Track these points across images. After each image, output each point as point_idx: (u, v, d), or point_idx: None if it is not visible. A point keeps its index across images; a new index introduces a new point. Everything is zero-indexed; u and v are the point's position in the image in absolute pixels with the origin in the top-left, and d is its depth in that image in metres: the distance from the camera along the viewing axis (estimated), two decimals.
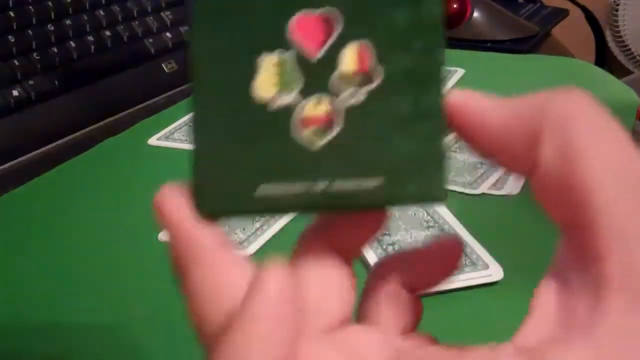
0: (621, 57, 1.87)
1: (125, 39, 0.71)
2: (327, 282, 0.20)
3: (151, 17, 0.75)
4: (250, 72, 0.19)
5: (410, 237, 0.44)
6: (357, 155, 0.19)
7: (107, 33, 0.70)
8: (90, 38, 0.69)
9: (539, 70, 0.74)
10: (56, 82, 0.65)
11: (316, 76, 0.19)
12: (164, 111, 0.68)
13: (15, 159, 0.60)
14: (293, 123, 0.19)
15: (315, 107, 0.19)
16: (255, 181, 0.19)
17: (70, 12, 0.68)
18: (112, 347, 0.38)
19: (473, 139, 0.20)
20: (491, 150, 0.19)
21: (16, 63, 0.63)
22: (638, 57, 1.85)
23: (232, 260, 0.20)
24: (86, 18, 0.69)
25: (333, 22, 0.19)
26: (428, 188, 0.19)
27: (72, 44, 0.67)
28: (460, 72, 0.72)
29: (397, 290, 0.22)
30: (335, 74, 0.19)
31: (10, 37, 0.63)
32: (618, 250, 0.16)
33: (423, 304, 0.22)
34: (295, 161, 0.19)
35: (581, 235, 0.17)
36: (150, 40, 0.73)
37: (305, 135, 0.19)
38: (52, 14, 0.67)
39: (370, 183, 0.19)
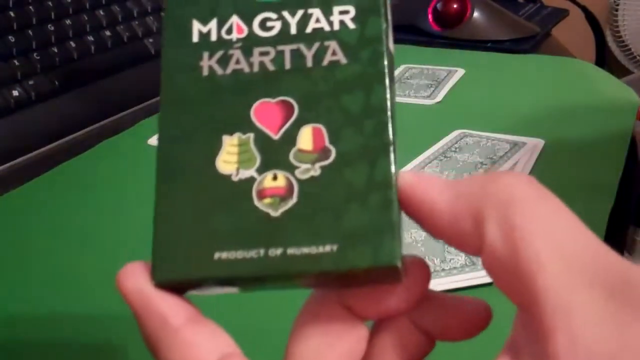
0: (621, 57, 1.87)
1: (125, 39, 0.71)
2: (330, 337, 0.21)
3: (151, 17, 0.75)
4: (213, 150, 0.21)
5: (410, 237, 0.44)
6: (312, 224, 0.20)
7: (107, 33, 0.70)
8: (90, 38, 0.69)
9: (539, 70, 0.74)
10: (56, 82, 0.65)
11: (274, 154, 0.21)
12: None
13: (15, 159, 0.60)
14: (252, 194, 0.21)
15: (273, 180, 0.21)
16: (211, 247, 0.20)
17: (70, 12, 0.68)
18: (113, 346, 0.38)
19: (422, 221, 0.21)
20: (440, 231, 0.20)
21: (16, 63, 0.63)
22: (638, 57, 1.85)
23: (199, 335, 0.20)
24: (86, 18, 0.69)
25: (289, 107, 0.22)
26: (380, 253, 0.20)
27: (72, 44, 0.67)
28: (460, 72, 0.72)
29: (408, 328, 0.22)
30: (293, 151, 0.21)
31: (10, 37, 0.63)
32: (562, 327, 0.17)
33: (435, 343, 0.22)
34: (251, 229, 0.20)
35: (529, 313, 0.18)
36: (150, 40, 0.73)
37: (262, 205, 0.21)
38: (52, 14, 0.67)
39: (324, 250, 0.20)
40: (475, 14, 0.82)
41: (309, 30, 0.23)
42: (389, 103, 0.21)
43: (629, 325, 0.17)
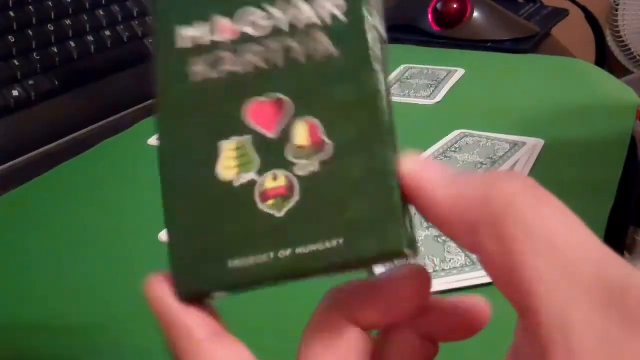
0: (621, 57, 1.87)
1: (125, 39, 0.71)
2: (335, 350, 0.21)
3: (151, 17, 0.75)
4: (212, 158, 0.21)
5: None
6: (316, 220, 0.20)
7: (107, 33, 0.70)
8: (90, 38, 0.69)
9: (539, 70, 0.74)
10: (56, 82, 0.65)
11: (272, 153, 0.21)
12: None
13: (15, 159, 0.60)
14: (255, 197, 0.21)
15: (274, 181, 0.21)
16: (224, 257, 0.21)
17: (70, 12, 0.68)
18: (111, 346, 0.38)
19: (422, 212, 0.20)
20: (440, 225, 0.20)
21: (16, 63, 0.63)
22: (638, 57, 1.85)
23: (222, 348, 0.21)
24: (86, 18, 0.69)
25: (282, 104, 0.21)
26: (385, 240, 0.20)
27: (72, 44, 0.67)
28: (460, 72, 0.72)
29: (413, 338, 0.22)
30: (289, 148, 0.21)
31: (10, 37, 0.63)
32: (560, 344, 0.17)
33: (439, 347, 0.22)
34: (259, 233, 0.21)
35: (528, 320, 0.18)
36: (150, 40, 0.73)
37: (266, 207, 0.21)
38: (52, 14, 0.67)
39: (331, 245, 0.20)
40: (475, 14, 0.82)
41: (301, 24, 0.22)
42: (381, 90, 0.21)
43: (625, 342, 0.16)
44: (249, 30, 0.22)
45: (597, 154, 0.55)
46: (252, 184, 0.21)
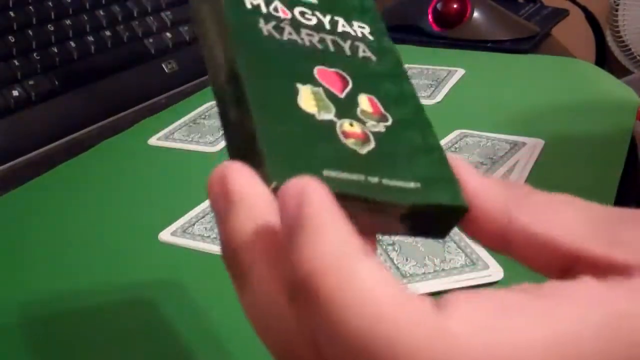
0: (621, 57, 1.87)
1: (125, 39, 0.71)
2: None
3: (151, 17, 0.75)
4: (293, 93, 0.23)
5: (411, 237, 0.44)
6: (394, 165, 0.23)
7: (107, 33, 0.70)
8: (90, 38, 0.69)
9: (539, 70, 0.74)
10: (56, 82, 0.65)
11: (344, 108, 0.23)
12: (164, 111, 0.68)
13: (15, 159, 0.60)
14: (337, 133, 0.23)
15: (350, 126, 0.23)
16: (319, 167, 0.22)
17: (70, 12, 0.68)
18: (110, 346, 0.38)
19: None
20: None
21: (16, 63, 0.63)
22: (638, 57, 1.85)
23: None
24: (86, 18, 0.69)
25: (343, 77, 0.24)
26: (456, 198, 0.22)
27: (72, 44, 0.67)
28: (460, 72, 0.72)
29: None
30: (358, 110, 0.24)
31: (10, 37, 0.63)
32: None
33: None
34: (349, 158, 0.22)
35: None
36: (150, 40, 0.73)
37: (349, 143, 0.23)
38: (52, 14, 0.67)
39: (411, 186, 0.22)
40: (475, 14, 0.82)
41: (339, 29, 0.26)
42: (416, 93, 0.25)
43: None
44: (299, 16, 0.25)
45: (597, 154, 0.55)
46: (332, 122, 0.23)
